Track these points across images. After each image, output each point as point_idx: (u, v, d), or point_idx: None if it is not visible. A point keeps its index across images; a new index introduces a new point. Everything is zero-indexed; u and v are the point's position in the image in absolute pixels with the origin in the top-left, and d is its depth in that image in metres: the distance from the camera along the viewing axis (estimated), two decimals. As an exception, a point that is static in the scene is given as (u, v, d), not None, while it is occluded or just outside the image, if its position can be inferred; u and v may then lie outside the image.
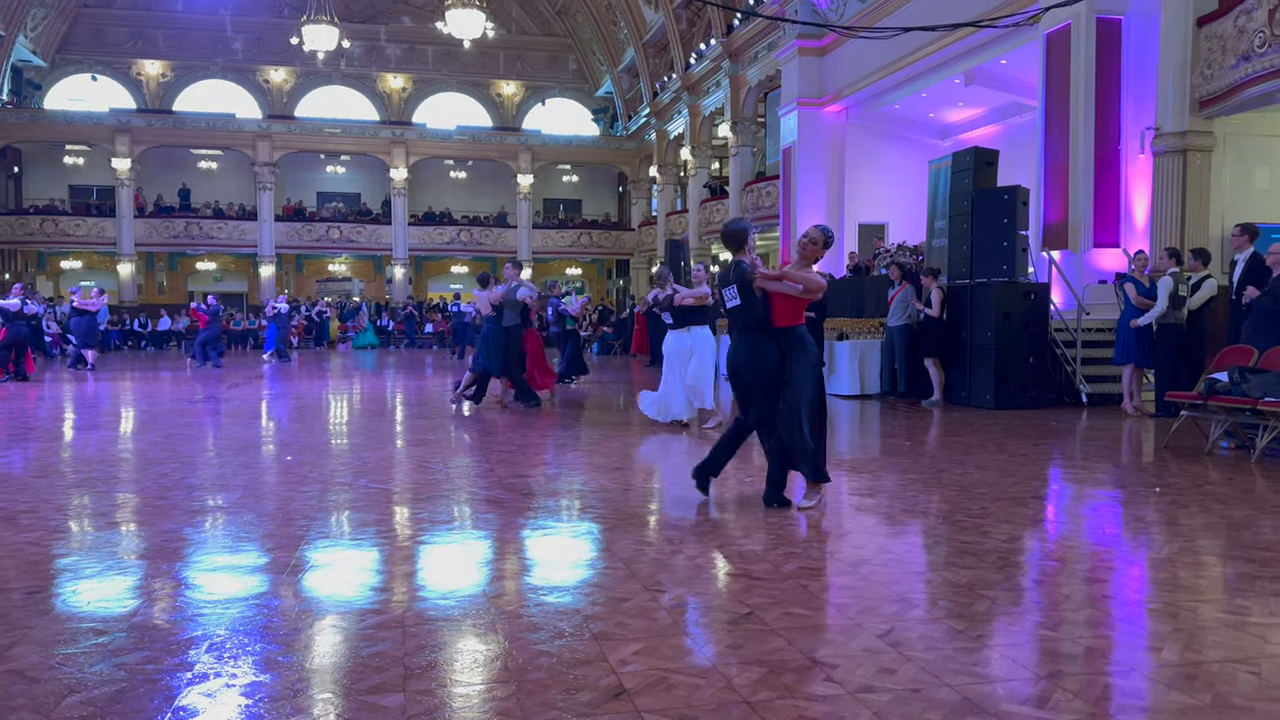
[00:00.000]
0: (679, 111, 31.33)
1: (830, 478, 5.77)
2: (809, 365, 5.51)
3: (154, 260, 35.59)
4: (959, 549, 4.64)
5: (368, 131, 35.97)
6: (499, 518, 5.42)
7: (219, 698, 2.87)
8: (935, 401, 12.00)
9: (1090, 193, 13.53)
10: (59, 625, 3.54)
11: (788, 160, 22.42)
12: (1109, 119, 13.55)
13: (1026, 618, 3.69)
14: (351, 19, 34.00)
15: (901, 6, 17.97)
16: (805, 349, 5.53)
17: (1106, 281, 13.05)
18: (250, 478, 6.78)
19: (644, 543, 4.81)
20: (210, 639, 3.36)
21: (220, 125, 34.52)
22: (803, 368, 5.49)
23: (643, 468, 7.37)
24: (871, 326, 13.48)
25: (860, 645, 3.29)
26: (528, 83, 38.88)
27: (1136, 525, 5.41)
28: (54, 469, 7.16)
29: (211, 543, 4.82)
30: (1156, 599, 3.92)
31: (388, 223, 36.00)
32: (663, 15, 30.06)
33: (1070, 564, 4.50)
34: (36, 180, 35.20)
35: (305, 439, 9.02)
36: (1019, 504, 5.79)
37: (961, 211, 12.32)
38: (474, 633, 3.48)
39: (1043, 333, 11.78)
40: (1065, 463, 7.73)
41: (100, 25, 35.17)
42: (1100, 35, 13.50)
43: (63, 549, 4.70)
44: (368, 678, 3.02)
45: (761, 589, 3.97)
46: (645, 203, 37.50)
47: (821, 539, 4.94)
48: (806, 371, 5.49)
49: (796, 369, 5.48)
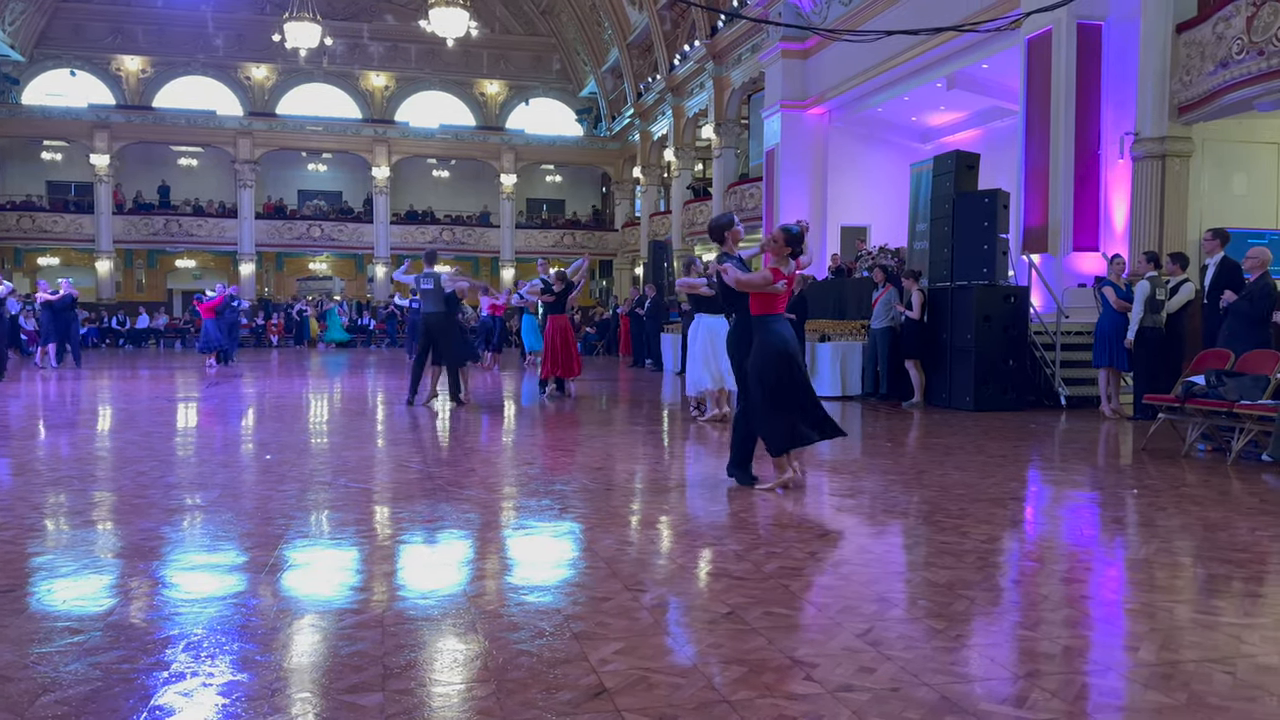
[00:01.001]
0: (663, 113, 31.36)
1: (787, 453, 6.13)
2: (768, 352, 5.94)
3: (133, 257, 35.31)
4: (938, 549, 4.66)
5: (350, 129, 35.82)
6: (480, 517, 5.41)
7: (196, 697, 2.84)
8: (916, 403, 12.06)
9: (1070, 197, 13.63)
10: (34, 624, 3.50)
11: (771, 162, 22.48)
12: (1089, 124, 13.66)
13: (1005, 617, 3.71)
14: (334, 16, 33.83)
15: (884, 10, 18.07)
16: (765, 336, 5.97)
17: (1086, 285, 13.15)
18: (229, 476, 6.73)
19: (625, 542, 4.81)
20: (187, 638, 3.33)
21: (201, 122, 34.29)
22: (761, 354, 5.95)
23: (625, 467, 7.36)
24: (853, 328, 13.53)
25: (840, 644, 3.30)
26: (511, 82, 38.82)
27: (1114, 526, 5.46)
28: (29, 467, 7.09)
29: (189, 541, 4.78)
30: (1133, 599, 3.95)
31: (369, 221, 35.86)
32: (647, 16, 30.09)
33: (1048, 564, 4.53)
34: (13, 176, 34.84)
35: (285, 438, 8.97)
36: (998, 505, 5.82)
37: (943, 214, 12.38)
38: (454, 632, 3.46)
39: (1022, 335, 11.85)
40: (1044, 464, 7.78)
41: (79, 20, 34.84)
42: (1081, 41, 13.61)
43: (38, 547, 4.65)
44: (346, 677, 3.00)
45: (742, 589, 3.97)
46: (629, 203, 37.51)
47: (803, 540, 4.95)
48: (762, 357, 5.95)
49: (754, 354, 6.00)
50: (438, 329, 11.19)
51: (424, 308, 11.31)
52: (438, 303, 11.17)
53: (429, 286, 11.13)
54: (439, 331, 11.20)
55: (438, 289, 11.13)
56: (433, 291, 11.13)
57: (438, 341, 11.27)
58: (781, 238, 6.00)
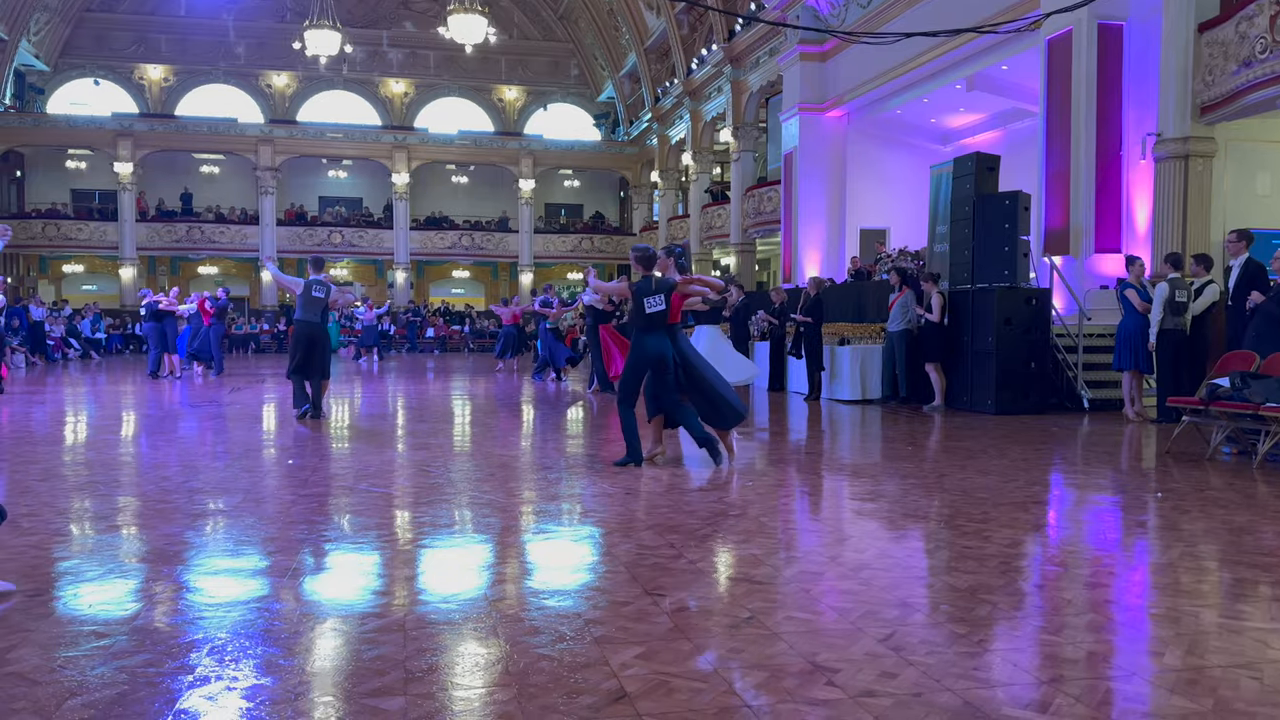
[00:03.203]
0: (681, 116, 31.36)
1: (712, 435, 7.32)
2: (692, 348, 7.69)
3: (156, 264, 35.63)
4: (960, 553, 4.64)
5: (369, 136, 36.02)
6: (500, 521, 5.42)
7: (220, 700, 2.87)
8: (936, 407, 12.00)
9: (1092, 198, 13.54)
10: (60, 628, 3.53)
11: (789, 165, 22.44)
12: (1110, 124, 13.57)
13: (1028, 622, 3.68)
14: (354, 24, 34.05)
15: (903, 12, 18.01)
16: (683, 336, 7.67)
17: (1108, 287, 13.06)
18: (251, 481, 6.78)
19: (645, 547, 4.80)
20: (211, 642, 3.35)
21: (222, 130, 34.58)
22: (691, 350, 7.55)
23: (644, 473, 7.36)
24: (873, 331, 13.48)
25: (862, 649, 3.29)
26: (529, 88, 38.94)
27: (1138, 530, 5.41)
28: (55, 472, 7.16)
29: (212, 546, 4.82)
30: (1158, 604, 3.91)
31: (389, 227, 36.06)
32: (664, 21, 30.12)
33: (1072, 569, 4.49)
34: (39, 184, 35.25)
35: (306, 443, 9.02)
36: (1020, 509, 5.78)
37: (963, 217, 12.33)
38: (475, 636, 3.47)
39: (1044, 338, 11.78)
40: (1066, 468, 7.73)
41: (103, 30, 35.23)
42: (1102, 41, 13.52)
43: (64, 552, 4.70)
44: (369, 681, 3.01)
45: (762, 593, 3.97)
46: (646, 207, 37.53)
47: (824, 544, 4.93)
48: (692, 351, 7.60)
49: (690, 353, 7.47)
50: (319, 338, 10.64)
51: (305, 315, 10.59)
52: (320, 313, 10.71)
53: (320, 295, 10.61)
54: (319, 341, 10.62)
55: (328, 298, 10.72)
56: (322, 300, 10.65)
57: (315, 352, 10.59)
58: (630, 256, 7.55)
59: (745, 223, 26.82)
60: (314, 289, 10.54)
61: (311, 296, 10.54)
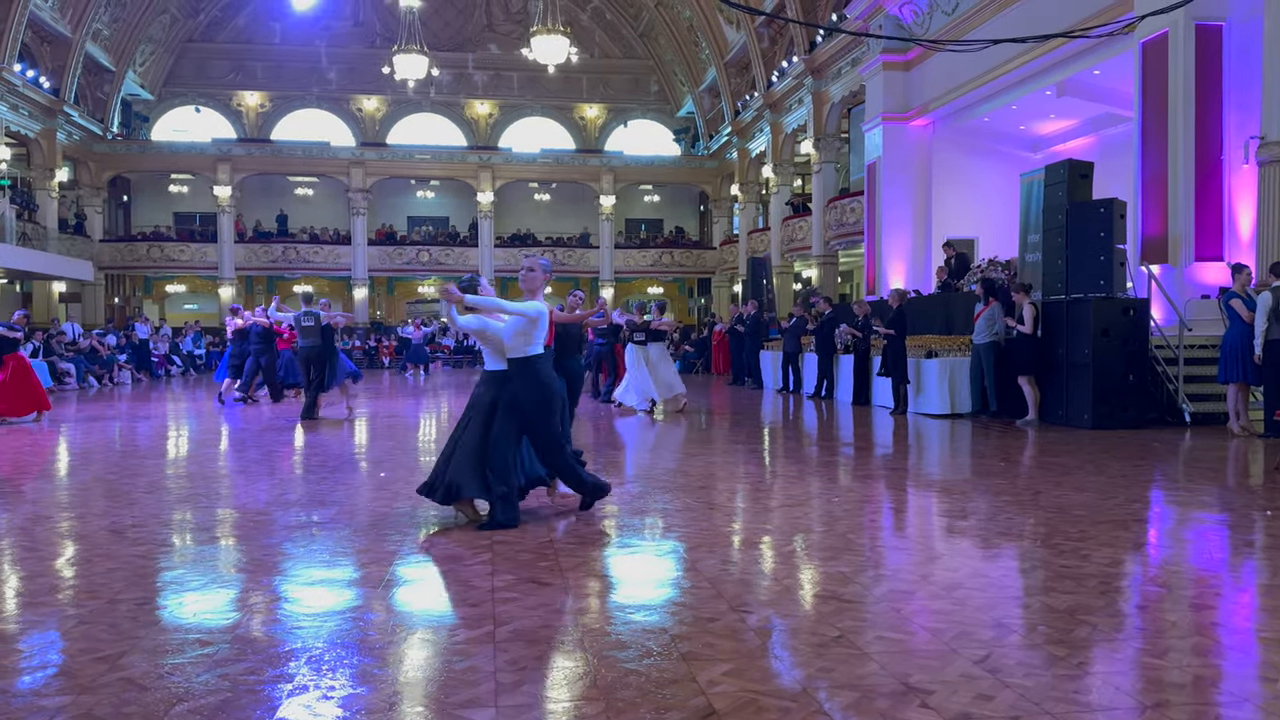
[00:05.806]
0: (761, 129, 31.25)
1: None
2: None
3: (253, 283, 36.88)
4: (1058, 573, 4.50)
5: (455, 157, 36.77)
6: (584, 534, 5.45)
7: (317, 709, 2.94)
8: (1030, 421, 11.67)
9: (1191, 205, 13.05)
10: (166, 635, 3.67)
11: (872, 176, 22.16)
12: (1210, 128, 13.07)
13: (1129, 644, 3.56)
14: (440, 48, 34.82)
15: (990, 18, 17.66)
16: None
17: (1209, 296, 12.55)
18: (345, 494, 6.95)
19: (729, 562, 4.78)
20: (309, 651, 3.45)
21: (316, 153, 35.69)
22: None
23: (726, 486, 7.33)
24: (961, 343, 13.20)
25: (956, 671, 3.21)
26: (610, 105, 39.29)
27: (1245, 550, 5.18)
28: (159, 485, 7.46)
29: (308, 557, 4.96)
30: (1269, 627, 3.74)
31: (475, 245, 36.70)
32: (744, 35, 30.08)
33: (1175, 590, 4.32)
34: (144, 208, 36.88)
35: (398, 456, 9.22)
36: (1120, 527, 5.58)
37: (1055, 225, 12.01)
38: (562, 650, 3.50)
39: (1143, 350, 11.38)
40: (1168, 484, 7.44)
41: (203, 59, 36.75)
42: (1200, 43, 13.04)
43: (168, 562, 4.89)
44: (460, 691, 3.06)
45: (851, 612, 3.91)
46: (726, 221, 37.46)
47: (914, 562, 4.84)
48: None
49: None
50: (316, 358, 12.69)
51: (303, 341, 12.77)
52: (316, 336, 12.71)
53: (310, 324, 12.73)
54: (316, 360, 12.70)
55: (316, 324, 12.73)
56: (312, 327, 12.70)
57: (314, 368, 12.73)
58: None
59: (827, 234, 26.57)
60: (304, 319, 12.77)
61: (304, 326, 12.77)
